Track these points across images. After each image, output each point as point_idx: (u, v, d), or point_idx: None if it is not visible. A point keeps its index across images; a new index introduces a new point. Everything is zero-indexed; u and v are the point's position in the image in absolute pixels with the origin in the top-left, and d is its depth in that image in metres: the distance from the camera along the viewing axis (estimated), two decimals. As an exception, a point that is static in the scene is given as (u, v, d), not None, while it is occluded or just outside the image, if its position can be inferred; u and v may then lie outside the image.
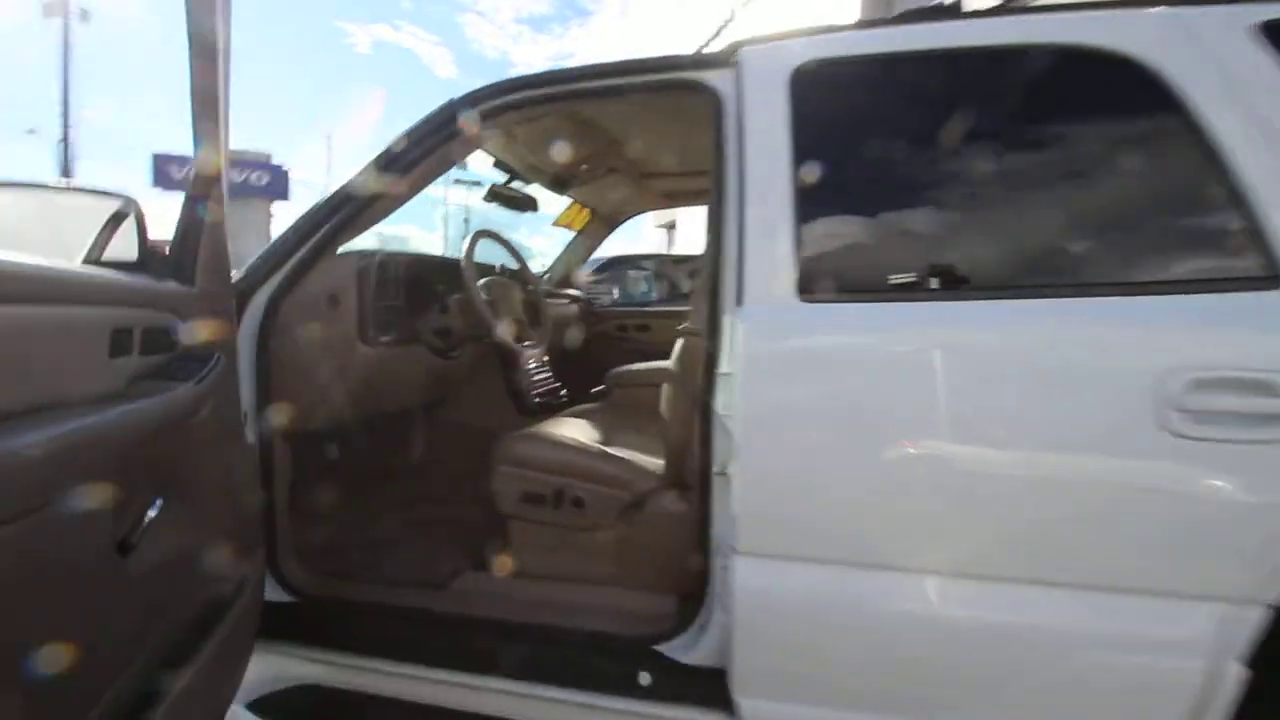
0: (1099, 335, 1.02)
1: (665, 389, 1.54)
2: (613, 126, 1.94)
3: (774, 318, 1.14)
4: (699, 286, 1.40)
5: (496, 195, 2.21)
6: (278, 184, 15.48)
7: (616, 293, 3.86)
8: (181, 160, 15.31)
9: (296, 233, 1.42)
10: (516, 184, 2.28)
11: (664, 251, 10.91)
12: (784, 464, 1.11)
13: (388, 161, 1.39)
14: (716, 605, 1.20)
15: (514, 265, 2.10)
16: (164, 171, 14.75)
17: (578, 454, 1.50)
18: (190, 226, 1.08)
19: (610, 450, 1.52)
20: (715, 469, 1.21)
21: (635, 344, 2.96)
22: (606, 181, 2.34)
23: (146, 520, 0.80)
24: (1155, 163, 1.09)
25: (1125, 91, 1.07)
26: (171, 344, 1.00)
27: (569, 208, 2.81)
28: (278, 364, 1.41)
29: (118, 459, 0.74)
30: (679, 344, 1.46)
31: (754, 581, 1.11)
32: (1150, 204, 1.09)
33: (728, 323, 1.19)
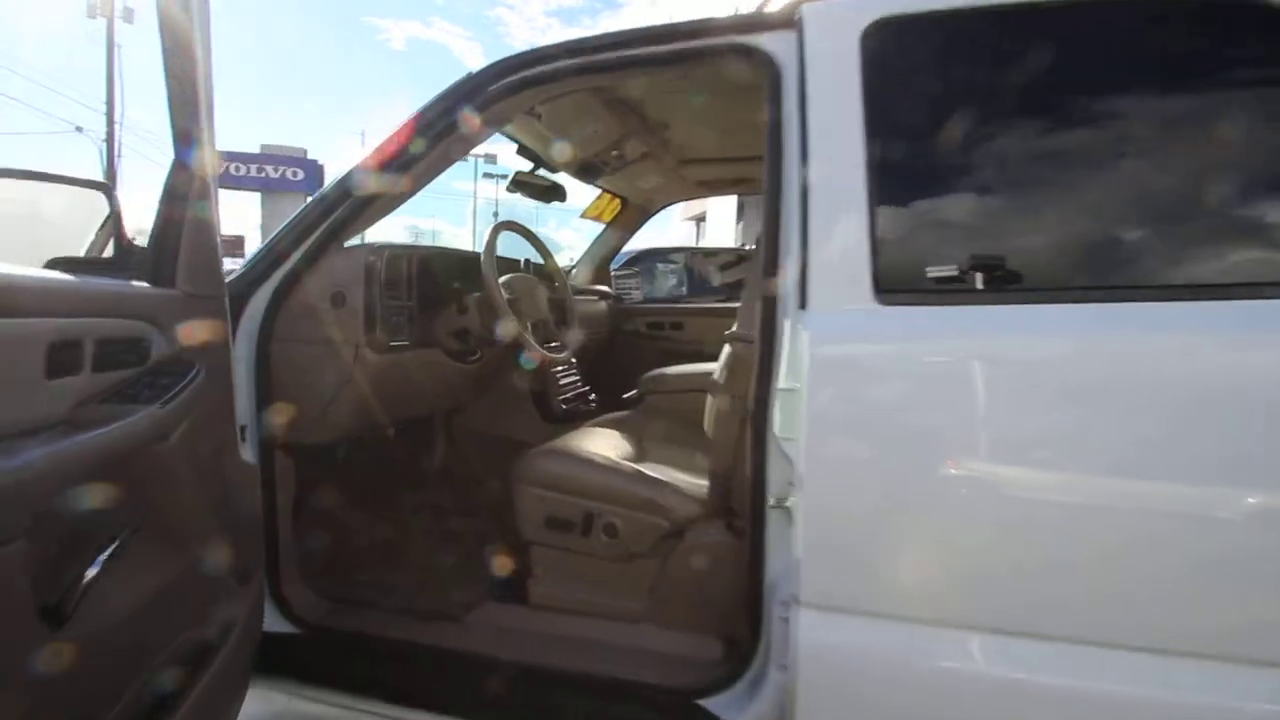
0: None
1: (710, 402, 1.36)
2: (648, 105, 1.75)
3: (847, 324, 0.96)
4: (749, 286, 1.22)
5: (520, 184, 2.05)
6: (313, 179, 15.60)
7: (646, 288, 3.68)
8: (225, 157, 15.61)
9: (301, 223, 1.28)
10: (543, 173, 2.11)
11: (693, 245, 10.69)
12: (862, 501, 0.93)
13: (402, 143, 1.24)
14: (772, 661, 1.02)
15: (539, 260, 1.94)
16: (202, 167, 14.96)
17: (610, 474, 1.33)
18: (169, 223, 0.94)
19: (646, 470, 1.35)
20: (771, 501, 1.03)
21: (668, 343, 2.78)
22: (639, 168, 2.16)
23: (89, 578, 0.65)
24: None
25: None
26: (143, 356, 0.86)
27: (598, 199, 2.64)
28: (279, 371, 1.27)
29: (38, 506, 0.59)
30: (725, 351, 1.28)
31: (822, 639, 0.93)
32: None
33: (787, 329, 1.01)
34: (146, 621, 0.79)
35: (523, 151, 1.96)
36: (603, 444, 1.52)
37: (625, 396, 2.02)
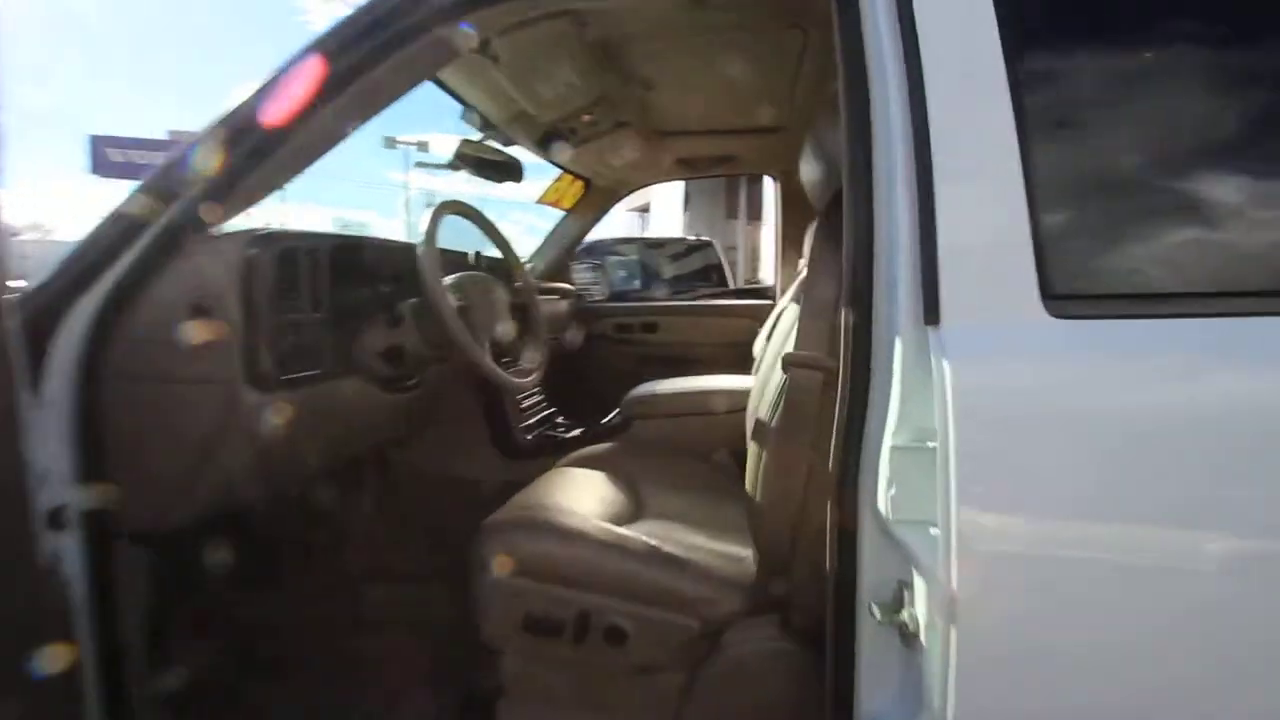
0: None
1: (752, 452, 0.99)
2: (635, 52, 1.37)
3: (1011, 346, 0.62)
4: (812, 292, 0.86)
5: (466, 158, 1.62)
6: None
7: (606, 285, 3.30)
8: (121, 143, 14.02)
9: (145, 194, 0.84)
10: (495, 145, 1.70)
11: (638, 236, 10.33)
12: (1067, 626, 0.60)
13: (305, 75, 0.82)
14: None
15: (495, 254, 1.53)
16: (102, 155, 13.46)
17: (612, 553, 0.96)
18: None
19: (660, 541, 0.98)
20: (874, 613, 0.68)
21: (641, 348, 2.41)
22: (612, 140, 1.78)
23: None
24: None
25: None
26: None
27: (558, 181, 2.24)
28: (116, 424, 0.83)
29: None
30: (776, 378, 0.92)
31: None
32: None
33: (898, 355, 0.66)
34: None
35: (470, 116, 1.53)
36: (589, 497, 1.14)
37: (605, 421, 1.64)
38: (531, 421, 1.69)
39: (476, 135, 1.62)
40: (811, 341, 0.83)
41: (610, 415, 1.68)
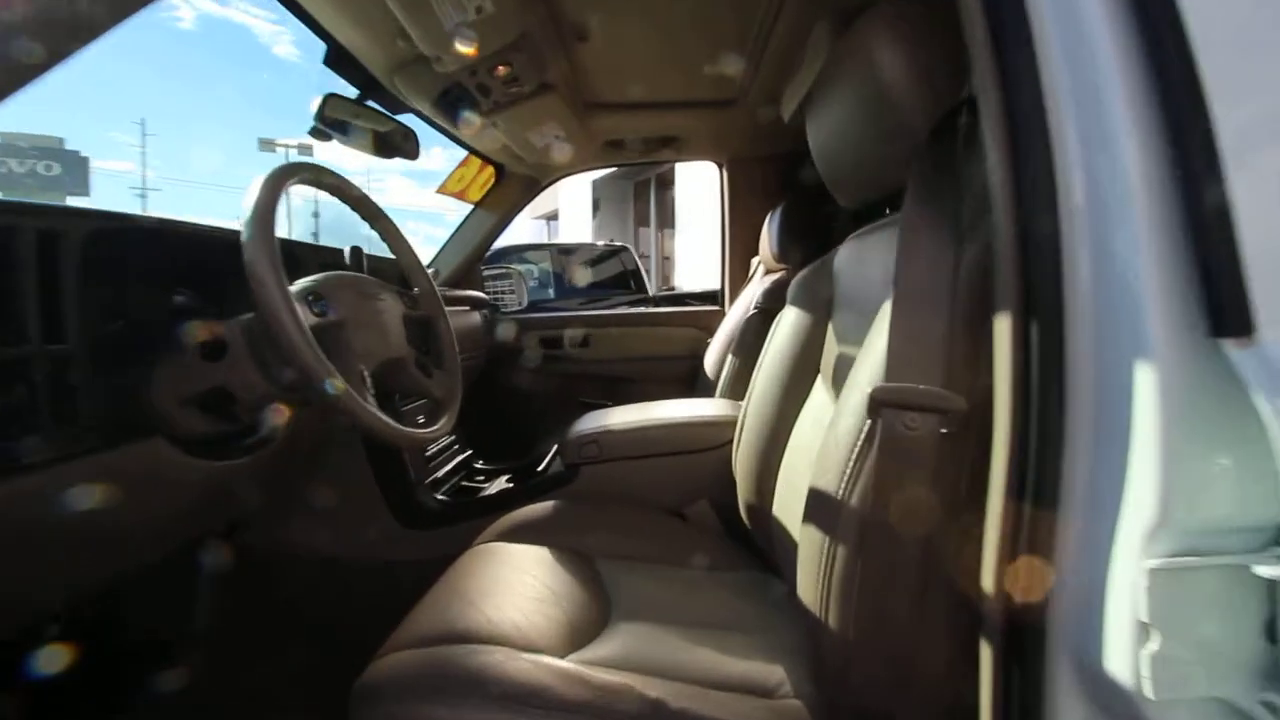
0: None
1: (805, 537, 0.63)
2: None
3: None
4: (906, 305, 0.54)
5: (335, 122, 1.20)
6: (74, 175, 12.39)
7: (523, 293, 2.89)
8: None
9: None
10: (376, 107, 1.28)
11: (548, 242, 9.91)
12: None
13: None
14: None
15: (382, 252, 1.11)
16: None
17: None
18: None
19: (661, 695, 0.62)
20: None
21: (572, 366, 2.05)
22: (533, 111, 1.40)
23: None
24: None
25: None
26: None
27: (462, 166, 1.84)
28: None
29: None
30: (850, 422, 0.57)
31: None
32: None
33: (1152, 387, 0.35)
34: None
35: (342, 62, 1.12)
36: (529, 601, 0.77)
37: (542, 469, 1.26)
38: (441, 474, 1.28)
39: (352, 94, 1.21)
40: (907, 370, 0.51)
41: (547, 458, 1.31)
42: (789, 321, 0.98)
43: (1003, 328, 0.43)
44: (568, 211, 12.37)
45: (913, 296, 0.51)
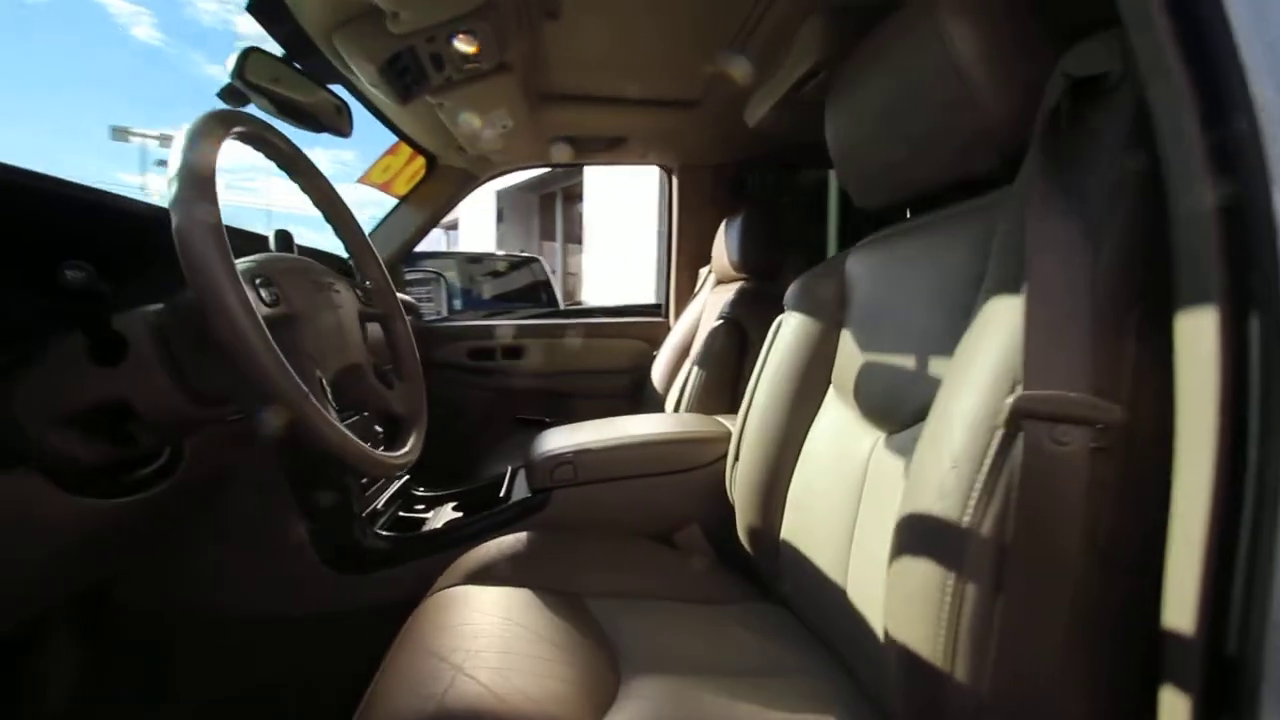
0: None
1: (915, 569, 0.53)
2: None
3: None
4: (1041, 299, 0.46)
5: (255, 87, 1.00)
6: None
7: (444, 300, 2.69)
8: None
9: None
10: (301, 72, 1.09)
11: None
12: None
13: None
14: None
15: (311, 240, 0.92)
16: None
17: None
18: None
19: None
20: None
21: (505, 379, 1.88)
22: (482, 93, 1.26)
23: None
24: None
25: None
26: None
27: (390, 154, 1.65)
28: None
29: None
30: (962, 438, 0.49)
31: None
32: None
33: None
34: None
35: (270, 9, 0.93)
36: (559, 676, 0.64)
37: (504, 495, 1.10)
38: (379, 504, 1.08)
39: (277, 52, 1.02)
40: (1050, 376, 0.44)
41: (506, 482, 1.15)
42: (793, 330, 0.91)
43: (1199, 323, 0.37)
44: (469, 221, 11.94)
45: (1048, 294, 0.44)
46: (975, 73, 0.58)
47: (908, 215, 0.82)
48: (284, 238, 0.88)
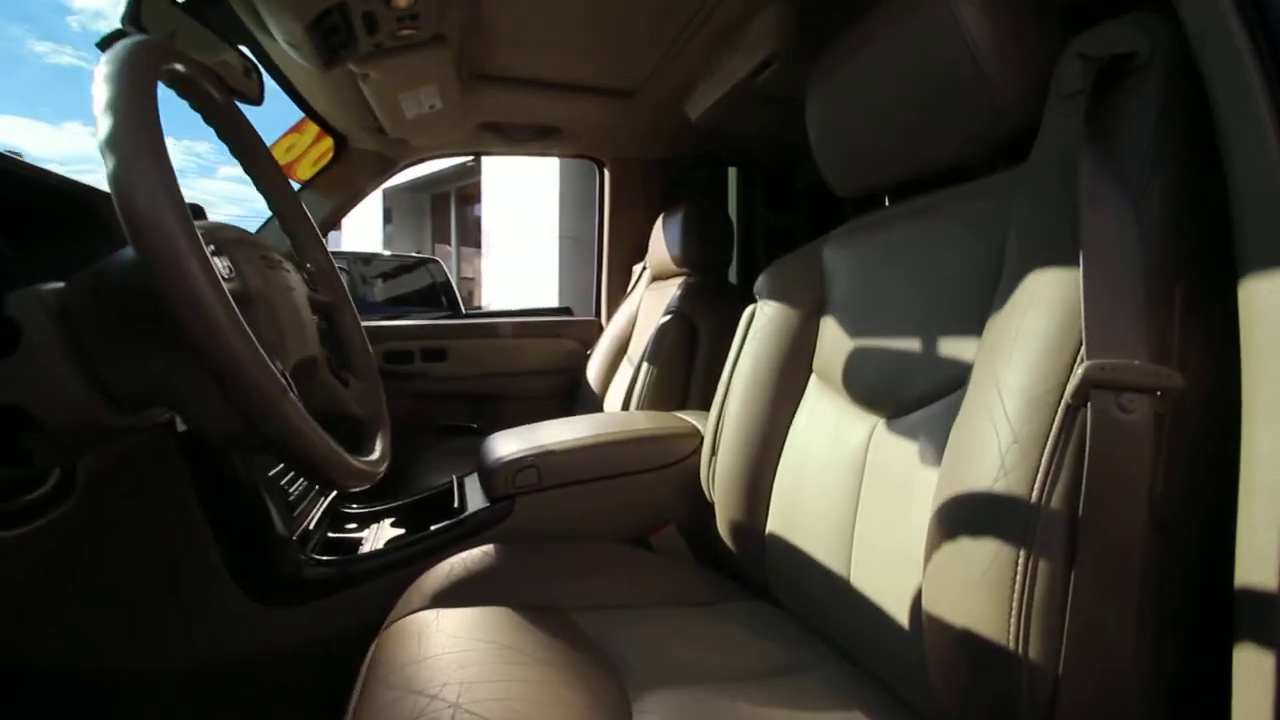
0: None
1: (965, 552, 0.49)
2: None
3: None
4: (1097, 261, 0.46)
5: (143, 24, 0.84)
6: None
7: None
8: None
9: None
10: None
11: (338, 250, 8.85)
12: None
13: None
14: None
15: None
16: None
17: None
18: None
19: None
20: None
21: (426, 384, 1.75)
22: (415, 63, 1.15)
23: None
24: None
25: None
26: None
27: (295, 131, 1.48)
28: None
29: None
30: (1014, 410, 0.47)
31: None
32: None
33: None
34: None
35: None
36: (565, 701, 0.57)
37: (458, 509, 0.99)
38: (310, 524, 0.94)
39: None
40: (1111, 345, 0.44)
41: (456, 492, 1.04)
42: (769, 318, 0.89)
43: (1271, 291, 0.37)
44: (351, 220, 11.17)
45: (1104, 267, 0.44)
46: (987, 54, 0.58)
47: (886, 203, 0.83)
48: (196, 215, 0.74)
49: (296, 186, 1.55)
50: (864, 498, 0.71)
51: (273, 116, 1.42)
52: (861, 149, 0.76)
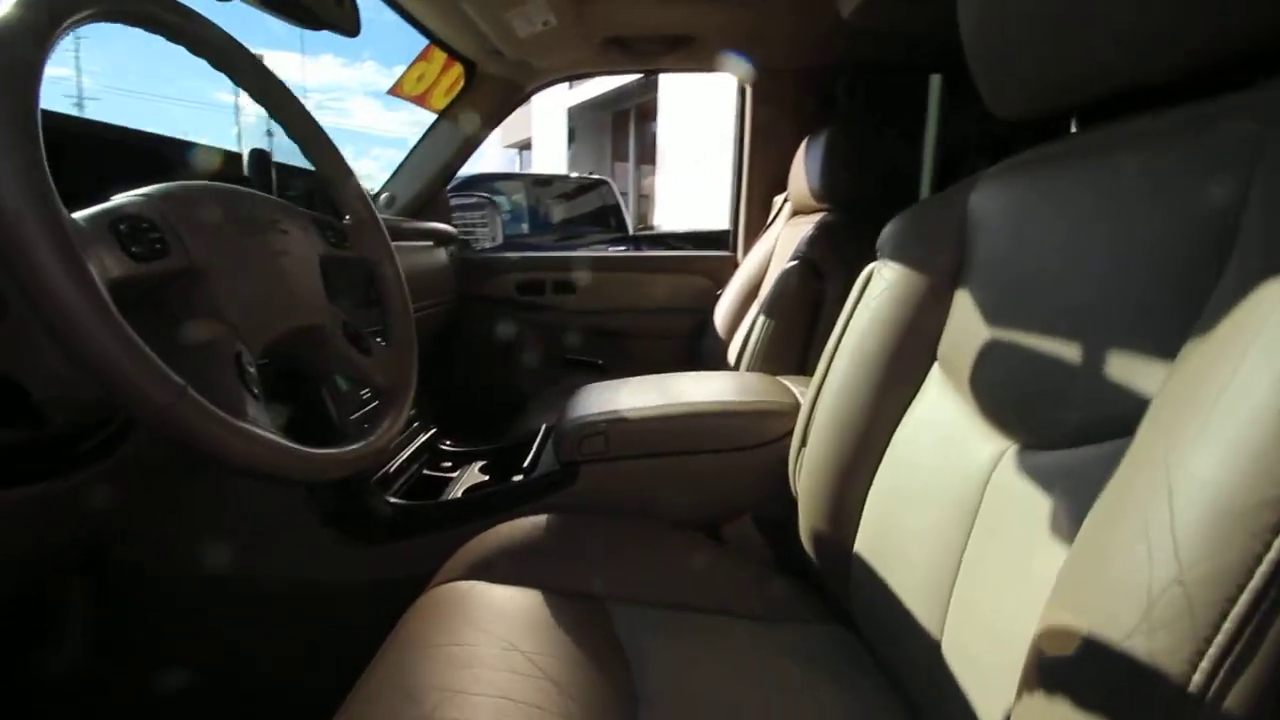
0: None
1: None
2: None
3: None
4: None
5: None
6: None
7: (496, 228, 2.53)
8: None
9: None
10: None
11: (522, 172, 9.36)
12: None
13: None
14: None
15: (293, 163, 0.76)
16: None
17: None
18: None
19: None
20: None
21: (557, 316, 1.74)
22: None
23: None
24: None
25: None
26: None
27: (423, 59, 1.46)
28: None
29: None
30: None
31: None
32: None
33: None
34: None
35: None
36: (520, 678, 0.51)
37: (529, 464, 0.97)
38: (396, 463, 0.98)
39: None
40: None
41: (535, 445, 1.01)
42: (888, 285, 0.69)
43: None
44: (541, 141, 11.66)
45: None
46: None
47: (1073, 128, 0.57)
48: (259, 160, 0.73)
49: (432, 116, 1.56)
50: (973, 544, 0.52)
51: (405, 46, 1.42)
52: (1032, 53, 0.51)
